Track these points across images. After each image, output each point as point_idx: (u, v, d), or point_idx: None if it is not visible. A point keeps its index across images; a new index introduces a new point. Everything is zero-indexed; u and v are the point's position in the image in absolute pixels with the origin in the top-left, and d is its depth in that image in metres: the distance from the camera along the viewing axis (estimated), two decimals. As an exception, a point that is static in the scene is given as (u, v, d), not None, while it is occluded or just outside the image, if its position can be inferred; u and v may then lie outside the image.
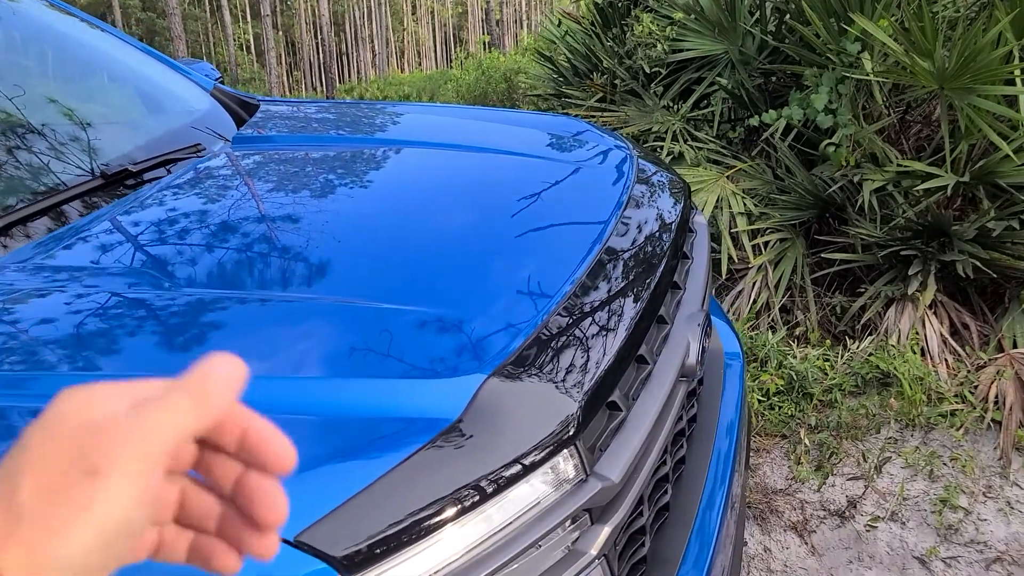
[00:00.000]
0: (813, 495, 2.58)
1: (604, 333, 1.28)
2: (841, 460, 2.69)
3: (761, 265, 3.34)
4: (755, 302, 3.31)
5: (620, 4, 4.11)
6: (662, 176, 1.86)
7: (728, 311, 3.36)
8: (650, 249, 1.53)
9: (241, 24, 47.59)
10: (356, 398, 1.08)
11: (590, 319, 1.30)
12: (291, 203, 1.67)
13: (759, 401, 2.83)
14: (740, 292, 3.38)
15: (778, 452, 2.76)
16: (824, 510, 2.52)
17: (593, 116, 4.01)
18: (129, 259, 1.46)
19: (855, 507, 2.50)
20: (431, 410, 1.07)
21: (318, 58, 30.48)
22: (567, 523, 1.13)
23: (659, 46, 3.79)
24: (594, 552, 1.14)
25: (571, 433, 1.12)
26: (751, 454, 2.74)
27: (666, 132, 3.82)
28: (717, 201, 3.38)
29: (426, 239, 1.51)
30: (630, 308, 1.35)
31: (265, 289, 1.33)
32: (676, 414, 1.40)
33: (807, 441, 2.75)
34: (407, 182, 1.80)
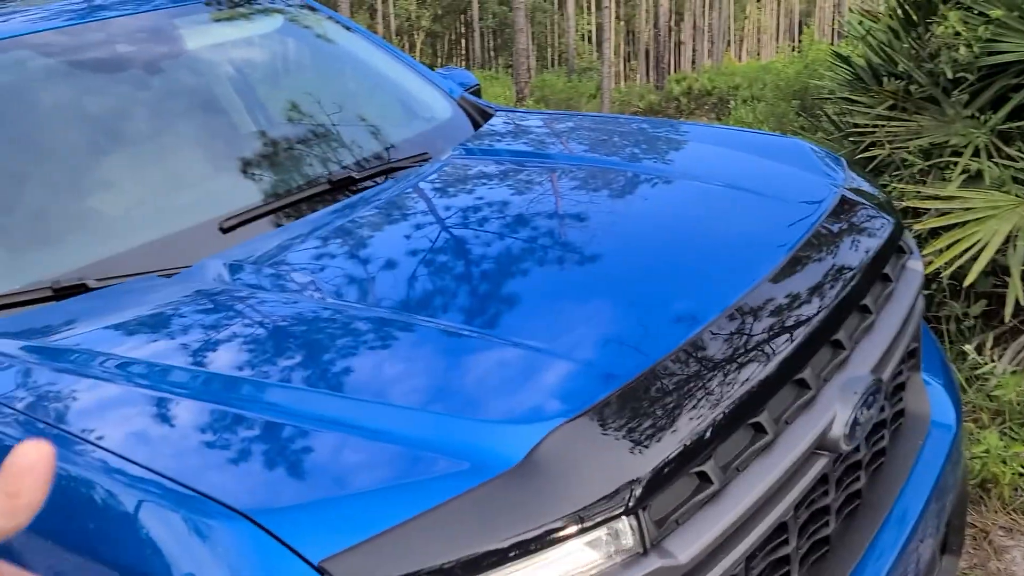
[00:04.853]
0: (1074, 597, 2.15)
1: (707, 395, 1.18)
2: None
3: (1061, 311, 2.82)
4: (1049, 354, 2.80)
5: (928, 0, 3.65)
6: (865, 215, 1.65)
7: (1014, 359, 2.88)
8: (805, 302, 1.37)
9: (586, 15, 49.27)
10: (414, 430, 1.10)
11: (697, 378, 1.20)
12: (465, 220, 1.73)
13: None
14: (1032, 340, 2.88)
15: (1039, 538, 2.33)
16: (1086, 618, 2.09)
17: (878, 126, 3.61)
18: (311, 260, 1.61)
19: None
20: (488, 453, 1.06)
21: (655, 48, 30.73)
22: (621, 596, 1.07)
23: (966, 49, 3.30)
24: (648, 634, 1.07)
25: (635, 499, 1.05)
26: (999, 533, 2.34)
27: (966, 146, 3.34)
28: (1011, 232, 2.90)
29: (564, 269, 1.49)
30: (749, 369, 1.23)
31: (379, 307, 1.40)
32: (804, 491, 1.26)
33: (1078, 531, 2.29)
34: (582, 209, 1.77)
